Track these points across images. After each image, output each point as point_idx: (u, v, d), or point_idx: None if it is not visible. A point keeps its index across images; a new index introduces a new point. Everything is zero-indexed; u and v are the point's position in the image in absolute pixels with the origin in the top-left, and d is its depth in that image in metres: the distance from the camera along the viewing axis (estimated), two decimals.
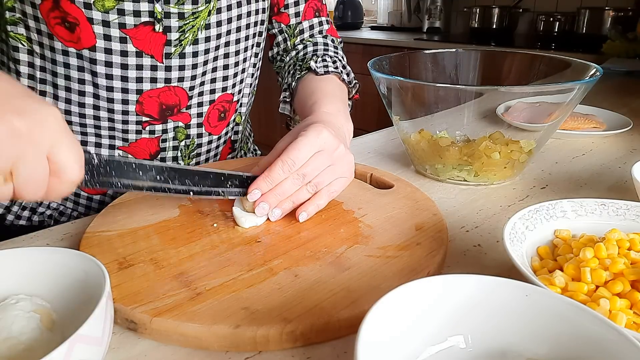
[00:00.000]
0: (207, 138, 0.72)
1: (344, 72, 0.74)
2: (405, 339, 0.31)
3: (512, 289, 0.32)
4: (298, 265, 0.44)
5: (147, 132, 0.66)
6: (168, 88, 0.64)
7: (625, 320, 0.35)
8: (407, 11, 3.15)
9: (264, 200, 0.50)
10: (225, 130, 0.75)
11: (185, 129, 0.69)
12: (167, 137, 0.68)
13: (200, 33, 0.62)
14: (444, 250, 0.47)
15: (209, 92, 0.68)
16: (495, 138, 0.63)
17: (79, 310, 0.34)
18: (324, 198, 0.52)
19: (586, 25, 2.28)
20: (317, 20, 0.79)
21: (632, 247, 0.41)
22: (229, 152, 0.80)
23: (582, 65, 0.65)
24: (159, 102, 0.64)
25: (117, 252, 0.46)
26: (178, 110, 0.66)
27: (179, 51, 0.62)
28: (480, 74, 0.77)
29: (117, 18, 0.57)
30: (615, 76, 1.36)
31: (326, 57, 0.75)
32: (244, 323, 0.36)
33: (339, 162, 0.53)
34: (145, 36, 0.59)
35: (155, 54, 0.61)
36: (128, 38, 0.59)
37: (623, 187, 0.64)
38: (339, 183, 0.53)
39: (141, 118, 0.65)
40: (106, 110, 0.63)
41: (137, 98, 0.63)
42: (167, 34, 0.60)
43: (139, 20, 0.58)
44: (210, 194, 0.50)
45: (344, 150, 0.53)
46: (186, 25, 0.60)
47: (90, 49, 0.58)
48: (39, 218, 0.71)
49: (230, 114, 0.74)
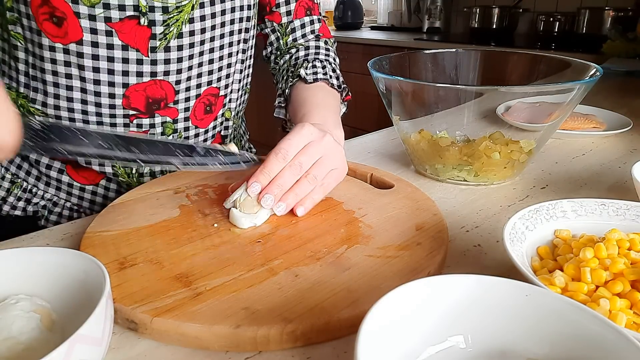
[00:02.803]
0: (194, 131, 0.73)
1: (333, 77, 0.75)
2: (406, 339, 0.31)
3: (512, 289, 0.32)
4: (298, 265, 0.44)
5: (135, 125, 0.67)
6: (154, 82, 0.64)
7: (625, 320, 0.35)
8: (407, 11, 3.15)
9: (267, 192, 0.51)
10: (213, 124, 0.75)
11: (173, 123, 0.70)
12: (155, 132, 0.69)
13: (184, 27, 0.63)
14: (444, 250, 0.47)
15: (195, 87, 0.69)
16: (495, 138, 0.63)
17: (79, 310, 0.34)
18: (319, 192, 0.54)
19: (586, 25, 2.28)
20: (308, 19, 0.80)
21: (632, 247, 0.41)
22: None
23: (582, 65, 0.65)
24: (146, 95, 0.65)
25: (117, 252, 0.46)
26: (165, 105, 0.67)
27: (164, 45, 0.63)
28: (480, 74, 0.77)
29: (102, 12, 0.58)
30: (615, 76, 1.36)
31: (316, 63, 0.76)
32: (244, 323, 0.36)
33: (330, 153, 0.54)
34: (131, 30, 0.60)
35: (141, 48, 0.62)
36: (114, 32, 0.60)
37: (623, 187, 0.64)
38: (334, 175, 0.55)
39: (128, 112, 0.66)
40: (94, 104, 0.64)
41: (123, 92, 0.64)
42: (152, 28, 0.61)
43: (124, 14, 0.59)
44: (159, 163, 0.49)
45: (332, 140, 0.55)
46: (170, 19, 0.61)
47: (78, 42, 0.59)
48: (33, 208, 0.72)
49: (217, 107, 0.74)
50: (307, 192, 0.53)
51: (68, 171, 0.70)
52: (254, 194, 0.51)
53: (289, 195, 0.52)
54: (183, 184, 0.61)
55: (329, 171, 0.54)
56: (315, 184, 0.53)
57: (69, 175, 0.70)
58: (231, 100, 0.77)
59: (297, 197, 0.52)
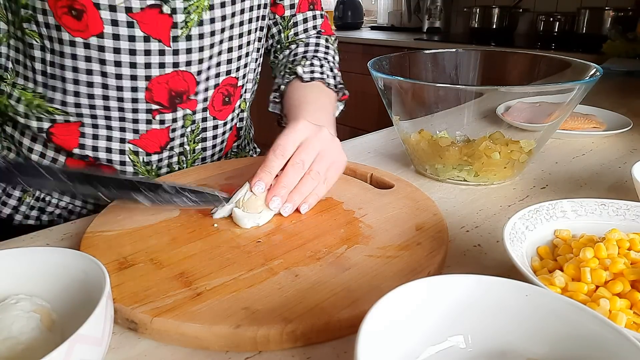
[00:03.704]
0: (212, 122, 0.72)
1: (330, 76, 0.76)
2: (405, 339, 0.31)
3: (512, 289, 0.32)
4: (298, 265, 0.44)
5: (158, 121, 0.66)
6: (176, 73, 0.64)
7: (625, 320, 0.35)
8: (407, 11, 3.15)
9: (274, 194, 0.51)
10: (231, 116, 0.75)
11: (192, 115, 0.69)
12: (177, 126, 0.68)
13: (204, 14, 0.62)
14: (444, 250, 0.47)
15: (214, 76, 0.68)
16: (495, 138, 0.63)
17: (79, 310, 0.34)
18: (322, 187, 0.54)
19: (586, 25, 2.27)
20: (311, 14, 0.80)
21: (632, 247, 0.41)
22: (235, 140, 0.80)
23: (582, 65, 0.65)
24: (168, 88, 0.64)
25: (118, 252, 0.46)
26: (187, 98, 0.66)
27: (185, 33, 0.62)
28: (480, 74, 0.77)
29: (123, 2, 0.57)
30: (615, 76, 1.36)
31: (314, 61, 0.76)
32: (244, 323, 0.36)
33: (328, 146, 0.55)
34: (152, 19, 0.59)
35: (163, 38, 0.61)
36: (135, 22, 0.59)
37: (623, 187, 0.64)
38: (334, 168, 0.55)
39: (151, 106, 0.65)
40: (115, 99, 0.63)
41: (146, 85, 0.63)
42: (173, 16, 0.60)
43: (145, 3, 0.58)
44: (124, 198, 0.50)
45: (328, 133, 0.55)
46: (190, 6, 0.61)
47: (98, 36, 0.58)
48: (48, 217, 0.71)
49: (235, 98, 0.74)
50: (312, 189, 0.53)
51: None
52: (259, 192, 0.51)
53: (295, 195, 0.52)
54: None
55: (329, 165, 0.55)
56: (318, 180, 0.53)
57: None
58: (247, 90, 0.77)
59: (302, 195, 0.52)
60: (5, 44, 0.63)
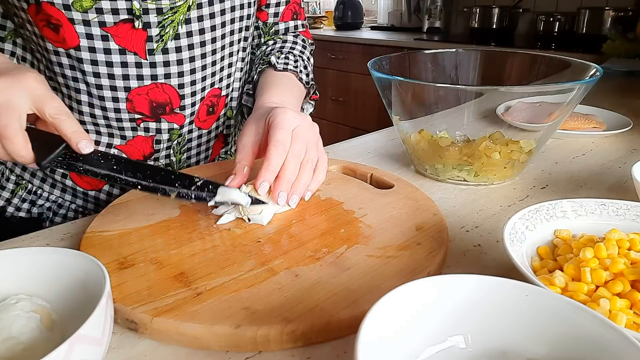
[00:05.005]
0: (197, 133, 0.73)
1: (303, 72, 0.76)
2: (406, 339, 0.31)
3: (512, 289, 0.32)
4: (298, 265, 0.44)
5: (142, 129, 0.67)
6: (155, 85, 0.64)
7: (625, 320, 0.35)
8: (407, 11, 3.15)
9: (280, 190, 0.51)
10: (216, 125, 0.75)
11: (180, 129, 0.70)
12: (162, 139, 0.69)
13: (180, 28, 0.62)
14: (444, 250, 0.47)
15: (200, 90, 0.69)
16: (495, 138, 0.63)
17: (79, 310, 0.34)
18: (321, 171, 0.55)
19: (586, 25, 2.27)
20: (293, 24, 0.81)
21: (632, 247, 0.41)
22: (222, 147, 0.80)
23: (582, 65, 0.65)
24: (149, 99, 0.65)
25: (118, 252, 0.46)
26: (171, 110, 0.67)
27: (161, 47, 0.62)
28: (480, 74, 0.77)
29: (96, 17, 0.58)
30: (615, 76, 1.36)
31: (289, 55, 0.76)
32: (244, 323, 0.36)
33: (312, 132, 0.55)
34: (126, 33, 0.60)
35: (139, 51, 0.61)
36: (109, 36, 0.59)
37: (623, 187, 0.64)
38: (322, 152, 0.56)
39: (134, 115, 0.65)
40: (99, 108, 0.64)
41: (126, 96, 0.64)
42: (148, 30, 0.60)
43: (117, 18, 0.59)
44: (157, 190, 0.49)
45: (310, 119, 0.56)
46: (165, 21, 0.61)
47: (76, 48, 0.59)
48: (38, 210, 0.72)
49: (220, 108, 0.74)
50: (310, 178, 0.53)
51: (71, 176, 0.70)
52: (264, 192, 0.51)
53: (298, 186, 0.52)
54: None
55: (317, 149, 0.55)
56: (314, 166, 0.54)
57: (72, 180, 0.70)
58: (232, 99, 0.77)
59: (305, 184, 0.53)
60: (10, 41, 0.64)
